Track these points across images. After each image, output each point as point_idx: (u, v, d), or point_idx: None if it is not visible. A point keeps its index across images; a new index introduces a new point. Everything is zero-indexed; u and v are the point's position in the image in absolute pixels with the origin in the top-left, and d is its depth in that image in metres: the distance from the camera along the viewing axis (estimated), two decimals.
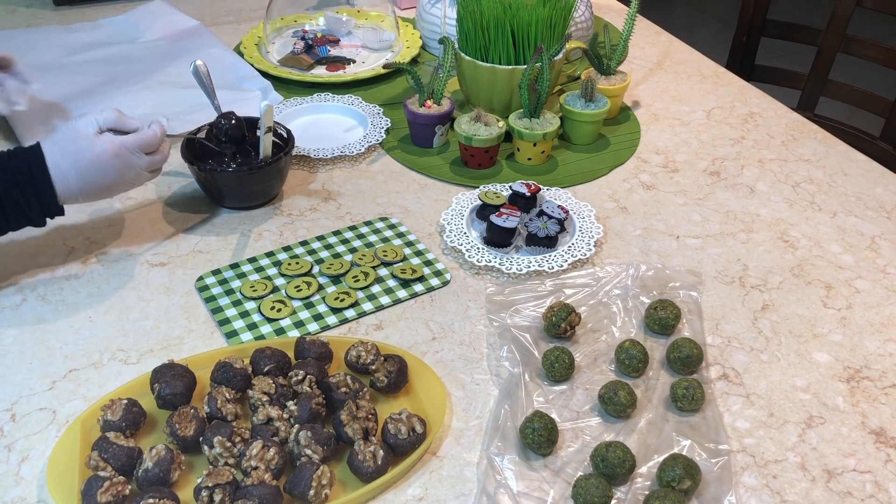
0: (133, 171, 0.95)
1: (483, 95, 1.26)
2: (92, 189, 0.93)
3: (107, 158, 0.92)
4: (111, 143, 0.92)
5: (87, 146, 0.91)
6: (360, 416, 0.78)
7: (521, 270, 0.99)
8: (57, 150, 0.90)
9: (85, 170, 0.91)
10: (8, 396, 0.84)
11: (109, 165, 0.92)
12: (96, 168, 0.92)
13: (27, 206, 0.90)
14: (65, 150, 0.91)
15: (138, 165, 0.95)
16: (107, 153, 0.91)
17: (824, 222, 1.12)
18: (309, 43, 1.49)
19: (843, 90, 1.69)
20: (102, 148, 0.91)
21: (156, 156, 0.96)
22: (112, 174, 0.93)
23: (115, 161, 0.92)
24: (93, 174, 0.92)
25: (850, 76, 1.76)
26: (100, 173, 0.92)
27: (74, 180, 0.91)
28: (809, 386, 0.87)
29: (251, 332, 0.91)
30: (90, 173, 0.92)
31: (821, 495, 0.76)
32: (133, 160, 0.94)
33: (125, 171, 0.94)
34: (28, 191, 0.89)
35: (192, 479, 0.76)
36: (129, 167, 0.94)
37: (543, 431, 0.77)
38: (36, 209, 0.91)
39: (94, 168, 0.91)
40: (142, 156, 0.94)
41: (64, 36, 1.52)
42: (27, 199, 0.89)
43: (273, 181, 1.10)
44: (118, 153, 0.92)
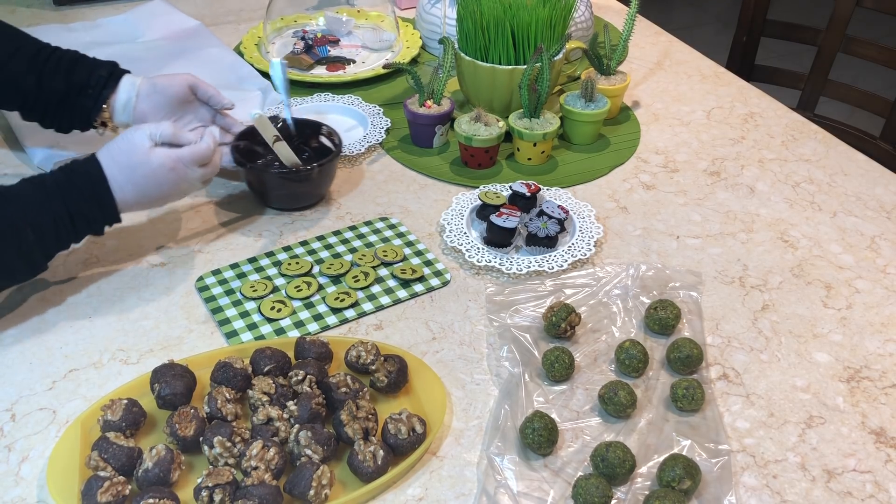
0: (187, 182, 0.96)
1: (483, 95, 1.26)
2: (147, 200, 0.95)
3: (163, 172, 0.93)
4: (167, 158, 0.93)
5: (143, 160, 0.92)
6: (360, 416, 0.78)
7: (521, 270, 0.99)
8: (114, 164, 0.91)
9: (141, 184, 0.92)
10: (8, 396, 0.84)
11: (165, 179, 0.93)
12: (152, 182, 0.93)
13: (92, 219, 0.92)
14: (121, 164, 0.91)
15: (192, 178, 0.96)
16: (163, 167, 0.93)
17: (824, 222, 1.12)
18: (309, 43, 1.49)
19: (843, 90, 1.69)
20: (159, 162, 0.92)
21: (208, 168, 0.97)
22: (167, 187, 0.94)
23: (170, 175, 0.93)
24: (149, 188, 0.93)
25: (850, 76, 1.76)
26: (155, 186, 0.93)
27: (131, 193, 0.92)
28: (809, 386, 0.87)
29: (251, 332, 0.91)
30: (146, 187, 0.93)
31: (821, 495, 0.76)
32: (188, 173, 0.95)
33: (180, 183, 0.95)
34: (93, 204, 0.91)
35: (192, 479, 0.76)
36: (183, 180, 0.95)
37: (543, 431, 0.77)
38: (99, 220, 0.93)
39: (150, 182, 0.93)
40: (196, 168, 0.95)
41: (64, 35, 1.51)
42: (93, 212, 0.91)
43: (305, 186, 1.09)
44: (174, 167, 0.93)
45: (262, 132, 1.04)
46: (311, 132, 1.15)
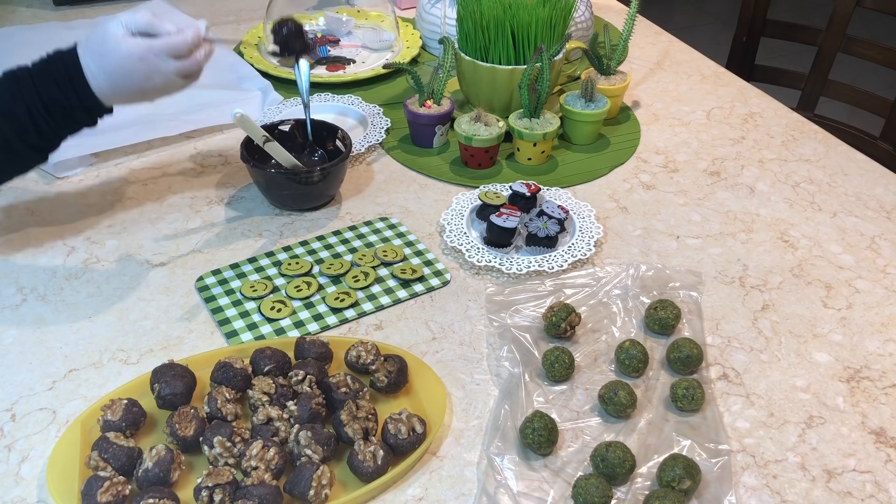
0: (160, 75, 0.91)
1: (483, 95, 1.26)
2: (122, 91, 0.92)
3: (132, 62, 0.89)
4: (136, 47, 0.89)
5: (113, 48, 0.89)
6: (360, 416, 0.78)
7: (521, 270, 0.99)
8: (88, 52, 0.90)
9: (112, 72, 0.90)
10: (8, 396, 0.84)
11: (134, 69, 0.90)
12: (122, 71, 0.90)
13: (70, 107, 0.91)
14: (94, 52, 0.90)
15: (166, 70, 0.91)
16: (132, 56, 0.89)
17: (824, 222, 1.12)
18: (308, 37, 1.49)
19: (843, 90, 1.70)
20: (128, 51, 0.89)
21: (186, 61, 0.92)
22: (137, 78, 0.91)
23: (140, 65, 0.90)
24: (119, 77, 0.90)
25: (850, 76, 1.76)
26: (125, 76, 0.90)
27: (104, 82, 0.90)
28: (809, 386, 0.87)
29: (251, 332, 0.91)
30: (116, 76, 0.90)
31: (821, 495, 0.76)
32: (160, 65, 0.91)
33: (151, 75, 0.91)
34: (68, 91, 0.90)
35: (192, 479, 0.76)
36: (155, 71, 0.91)
37: (543, 431, 0.77)
38: (79, 109, 0.91)
39: (119, 71, 0.90)
40: (170, 61, 0.91)
41: (64, 34, 1.52)
42: (69, 99, 0.90)
43: (311, 188, 1.08)
44: (143, 57, 0.89)
45: (248, 132, 1.03)
46: (327, 134, 1.15)
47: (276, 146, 1.04)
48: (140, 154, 1.21)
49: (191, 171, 1.18)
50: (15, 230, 1.06)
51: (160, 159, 1.21)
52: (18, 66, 0.91)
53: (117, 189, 1.14)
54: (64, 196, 1.12)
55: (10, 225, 1.07)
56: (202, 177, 1.17)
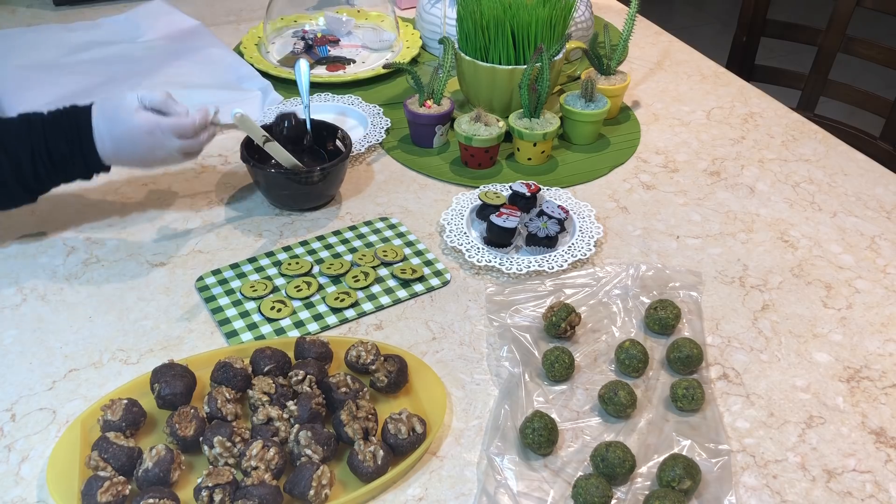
0: (163, 151, 0.99)
1: (483, 95, 1.26)
2: (124, 158, 0.99)
3: (140, 134, 0.96)
4: (146, 121, 0.96)
5: (124, 118, 0.96)
6: (360, 416, 0.78)
7: (521, 270, 0.99)
8: (101, 115, 0.97)
9: (118, 139, 0.96)
10: (8, 396, 0.84)
11: (141, 141, 0.97)
12: (128, 140, 0.97)
13: (72, 161, 0.97)
14: (106, 117, 0.96)
15: (170, 147, 0.98)
16: (141, 129, 0.96)
17: (824, 222, 1.12)
18: (309, 43, 1.49)
19: (843, 90, 1.69)
20: (138, 123, 0.96)
21: (189, 141, 0.99)
22: (142, 149, 0.98)
23: (147, 138, 0.97)
24: (125, 144, 0.97)
25: (850, 76, 1.76)
26: (130, 145, 0.97)
27: (110, 145, 0.97)
28: (809, 386, 0.87)
29: (251, 332, 0.91)
30: (122, 143, 0.97)
31: (821, 495, 0.76)
32: (165, 141, 0.97)
33: (155, 149, 0.98)
34: (74, 146, 0.96)
35: (192, 479, 0.76)
36: (159, 146, 0.98)
37: (543, 431, 0.77)
38: (80, 164, 0.97)
39: (126, 139, 0.96)
40: (174, 139, 0.98)
41: (64, 35, 1.52)
42: (73, 153, 0.96)
43: (311, 188, 1.08)
44: (151, 131, 0.96)
45: (248, 132, 1.03)
46: (327, 134, 1.15)
47: (276, 146, 1.04)
48: None
49: (191, 171, 1.18)
50: (15, 230, 1.06)
51: None
52: (35, 111, 0.97)
53: (117, 189, 1.14)
54: (64, 196, 1.12)
55: (10, 225, 1.07)
56: (202, 177, 1.17)
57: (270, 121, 1.13)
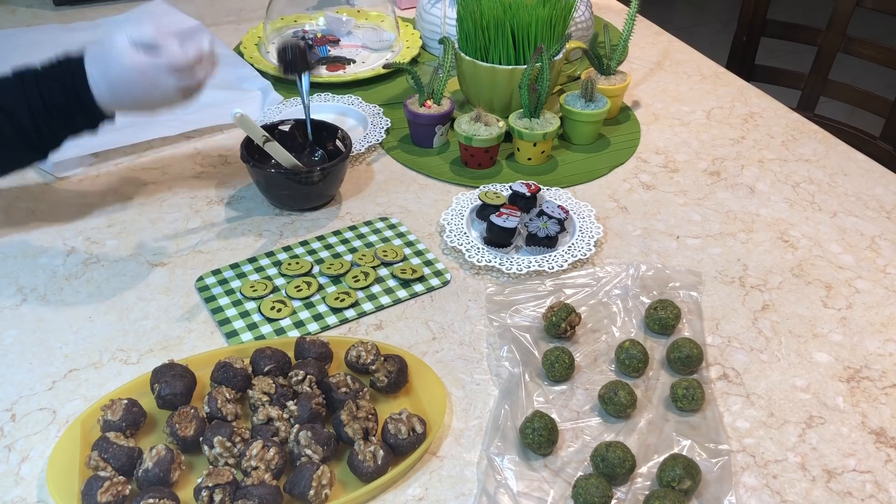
0: (159, 90, 0.93)
1: (483, 95, 1.26)
2: (123, 102, 0.94)
3: (133, 75, 0.91)
4: (139, 62, 0.90)
5: (116, 59, 0.90)
6: (360, 416, 0.78)
7: (521, 270, 0.99)
8: (93, 60, 0.92)
9: (113, 83, 0.91)
10: (8, 396, 0.84)
11: (135, 82, 0.91)
12: (123, 82, 0.91)
13: (71, 111, 0.92)
14: (98, 61, 0.91)
15: (165, 86, 0.92)
16: (134, 69, 0.90)
17: (824, 222, 1.12)
18: (309, 43, 1.49)
19: (843, 90, 1.69)
20: (130, 64, 0.90)
21: (188, 79, 0.94)
22: (138, 91, 0.92)
23: (140, 78, 0.91)
24: (120, 88, 0.92)
25: (850, 76, 1.76)
26: (126, 88, 0.92)
27: (106, 91, 0.92)
28: (809, 386, 0.87)
29: (251, 332, 0.91)
30: (118, 86, 0.92)
31: (821, 495, 0.76)
32: (160, 80, 0.92)
33: (151, 89, 0.92)
34: (71, 96, 0.91)
35: (192, 479, 0.76)
36: (155, 86, 0.92)
37: (543, 431, 0.77)
38: (80, 114, 0.93)
39: (121, 82, 0.91)
40: (170, 77, 0.92)
41: (64, 35, 1.52)
42: (71, 104, 0.92)
43: (311, 188, 1.08)
44: (144, 71, 0.91)
45: (248, 132, 1.03)
46: (327, 134, 1.15)
47: (275, 146, 1.04)
48: (140, 154, 1.21)
49: (191, 171, 1.18)
50: (15, 230, 1.06)
51: (160, 159, 1.21)
52: (26, 65, 0.93)
53: (117, 189, 1.14)
54: (64, 196, 1.12)
55: (10, 225, 1.07)
56: (202, 177, 1.17)
57: (270, 121, 1.13)
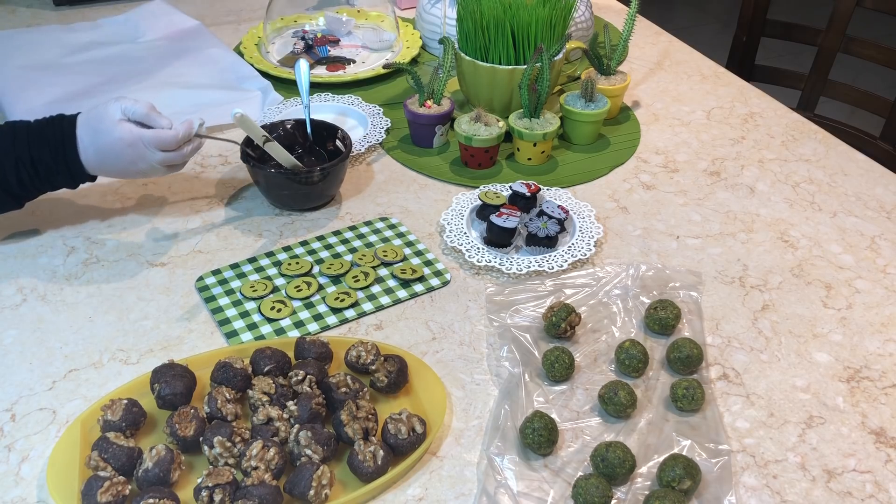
0: (145, 163, 0.99)
1: (483, 95, 1.26)
2: (107, 169, 1.00)
3: (121, 146, 0.96)
4: (129, 133, 0.96)
5: (107, 129, 0.96)
6: (360, 416, 0.78)
7: (521, 270, 0.99)
8: (85, 125, 0.97)
9: (101, 150, 0.97)
10: (8, 396, 0.84)
11: (123, 152, 0.97)
12: (111, 151, 0.97)
13: (56, 170, 0.97)
14: (90, 127, 0.97)
15: (151, 159, 0.98)
16: (122, 141, 0.96)
17: (824, 222, 1.12)
18: (309, 43, 1.49)
19: (843, 90, 1.69)
20: (120, 135, 0.96)
21: (172, 154, 0.99)
22: (124, 161, 0.98)
23: (128, 150, 0.97)
24: (107, 156, 0.97)
25: (850, 76, 1.76)
26: (113, 156, 0.97)
27: (93, 156, 0.97)
28: (809, 386, 0.87)
29: (251, 332, 0.91)
30: (105, 154, 0.97)
31: (821, 495, 0.76)
32: (146, 154, 0.98)
33: (137, 161, 0.98)
34: (58, 156, 0.97)
35: (192, 479, 0.76)
36: (140, 159, 0.98)
37: (543, 431, 0.77)
38: (64, 173, 0.98)
39: (109, 150, 0.97)
40: (156, 152, 0.98)
41: (64, 36, 1.52)
42: (57, 164, 0.97)
43: (311, 188, 1.08)
44: (133, 143, 0.97)
45: (248, 132, 1.03)
46: (327, 134, 1.15)
47: (276, 146, 1.04)
48: None
49: (191, 171, 1.18)
50: (15, 230, 1.06)
51: None
52: (21, 119, 0.99)
53: (117, 189, 1.14)
54: (64, 196, 1.12)
55: (10, 225, 1.07)
56: (202, 177, 1.17)
57: (270, 121, 1.13)
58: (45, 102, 1.28)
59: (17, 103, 1.28)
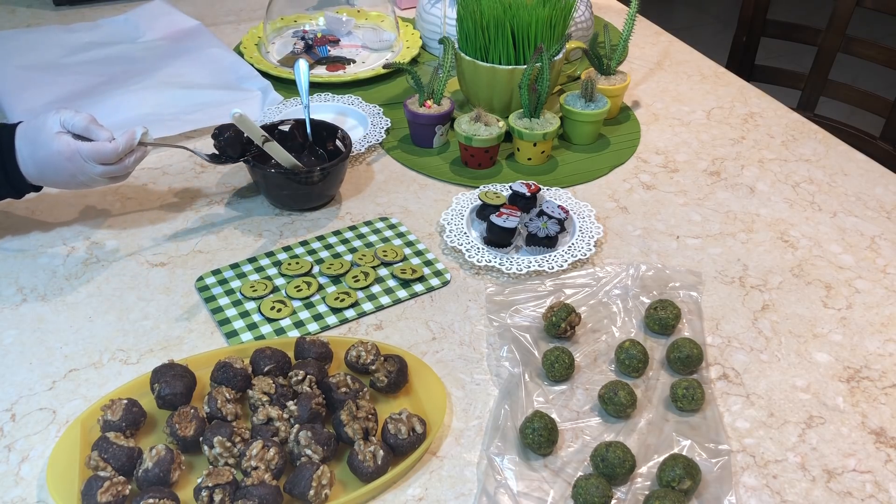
0: (85, 175, 0.97)
1: (483, 95, 1.26)
2: (47, 181, 0.99)
3: (60, 160, 0.95)
4: (66, 147, 0.94)
5: (45, 142, 0.94)
6: (360, 416, 0.78)
7: (521, 270, 0.99)
8: (23, 138, 0.96)
9: (40, 163, 0.96)
10: (8, 396, 0.84)
11: (61, 166, 0.95)
12: (49, 164, 0.95)
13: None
14: (28, 139, 0.95)
15: (91, 172, 0.96)
16: (61, 154, 0.94)
17: (824, 222, 1.12)
18: (309, 43, 1.49)
19: (843, 90, 1.69)
20: (58, 149, 0.94)
21: (112, 167, 0.97)
22: (64, 175, 0.96)
23: (66, 164, 0.95)
24: (46, 168, 0.96)
25: (850, 76, 1.76)
26: (52, 169, 0.96)
27: (32, 168, 0.96)
28: (809, 386, 0.87)
29: (251, 332, 0.91)
30: (44, 167, 0.96)
31: (821, 495, 0.76)
32: (85, 167, 0.95)
33: (76, 174, 0.96)
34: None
35: (192, 479, 0.76)
36: (80, 172, 0.96)
37: (543, 431, 0.77)
38: (4, 185, 0.97)
39: (47, 163, 0.95)
40: (95, 165, 0.95)
41: (64, 36, 1.52)
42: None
43: (311, 188, 1.08)
44: (71, 157, 0.95)
45: (248, 132, 1.03)
46: (327, 134, 1.15)
47: (275, 146, 1.04)
48: None
49: (191, 171, 1.18)
50: (15, 230, 1.06)
51: (160, 159, 1.21)
52: None
53: (117, 189, 1.14)
54: (64, 196, 1.12)
55: (9, 225, 1.07)
56: (202, 177, 1.17)
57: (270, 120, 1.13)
58: (45, 102, 1.28)
59: (17, 103, 1.28)
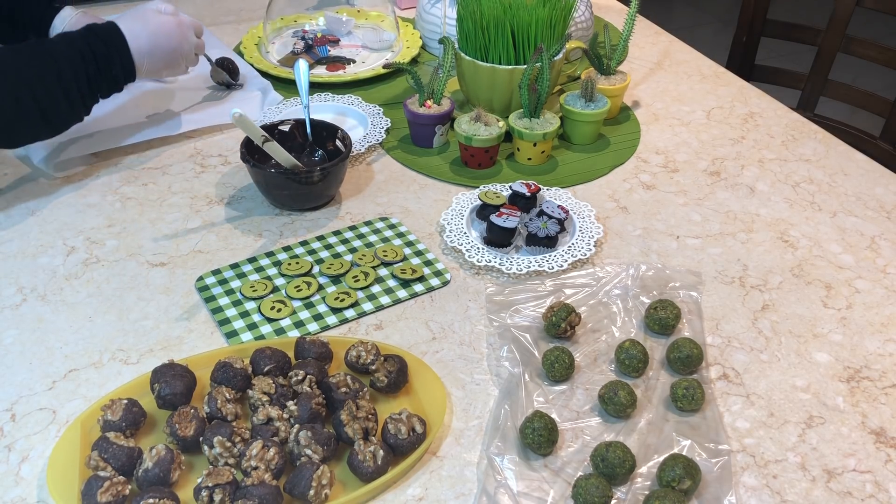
0: (188, 44, 1.15)
1: (483, 95, 1.26)
2: (156, 54, 1.11)
3: (171, 27, 1.12)
4: (173, 17, 1.13)
5: (153, 17, 1.11)
6: (360, 416, 0.78)
7: (521, 270, 0.99)
8: (126, 20, 1.09)
9: (153, 32, 1.10)
10: (8, 396, 0.84)
11: (172, 32, 1.12)
12: (161, 33, 1.11)
13: (112, 60, 1.07)
14: (135, 19, 1.10)
15: (191, 41, 1.16)
16: (171, 22, 1.13)
17: (824, 222, 1.12)
18: (309, 43, 1.49)
19: (843, 90, 1.69)
20: (166, 19, 1.12)
21: (200, 41, 1.18)
22: (174, 41, 1.12)
23: (176, 30, 1.13)
24: (159, 37, 1.11)
25: (850, 76, 1.76)
26: (165, 37, 1.11)
27: (145, 41, 1.09)
28: (809, 386, 0.87)
29: (251, 332, 0.91)
30: (157, 36, 1.10)
31: (821, 495, 0.76)
32: (189, 35, 1.15)
33: (182, 42, 1.14)
34: (112, 48, 1.06)
35: (192, 479, 0.76)
36: (185, 40, 1.14)
37: (543, 431, 0.77)
38: (118, 65, 1.08)
39: (159, 33, 1.11)
40: (191, 33, 1.16)
41: None
42: (111, 53, 1.06)
43: (311, 188, 1.08)
44: (179, 24, 1.14)
45: (247, 132, 1.03)
46: (327, 134, 1.15)
47: (275, 146, 1.04)
48: (140, 154, 1.21)
49: (191, 171, 1.18)
50: (15, 230, 1.06)
51: (160, 159, 1.21)
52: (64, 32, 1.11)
53: (117, 189, 1.14)
54: (64, 196, 1.12)
55: (9, 225, 1.07)
56: (202, 177, 1.17)
57: (270, 121, 1.13)
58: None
59: None
